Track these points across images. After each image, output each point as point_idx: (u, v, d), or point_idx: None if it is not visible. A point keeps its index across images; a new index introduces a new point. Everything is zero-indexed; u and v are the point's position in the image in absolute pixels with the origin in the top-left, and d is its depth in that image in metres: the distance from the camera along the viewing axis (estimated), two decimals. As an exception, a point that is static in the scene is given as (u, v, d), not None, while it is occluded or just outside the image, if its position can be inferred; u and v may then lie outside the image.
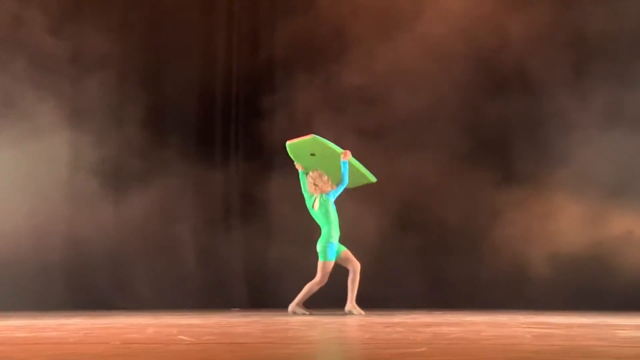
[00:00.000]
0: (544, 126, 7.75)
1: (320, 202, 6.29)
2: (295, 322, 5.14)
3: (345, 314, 6.22)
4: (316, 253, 6.31)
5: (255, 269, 7.93)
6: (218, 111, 8.24)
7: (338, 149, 6.31)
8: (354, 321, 5.26)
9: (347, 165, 6.30)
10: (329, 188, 6.31)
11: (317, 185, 6.31)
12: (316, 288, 6.27)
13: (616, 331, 4.16)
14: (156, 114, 8.00)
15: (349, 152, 6.31)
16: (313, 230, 6.44)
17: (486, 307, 7.06)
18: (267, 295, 7.74)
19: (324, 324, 4.96)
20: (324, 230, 6.29)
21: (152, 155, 7.82)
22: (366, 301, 6.41)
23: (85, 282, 7.68)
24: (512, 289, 7.49)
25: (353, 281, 6.29)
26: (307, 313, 6.24)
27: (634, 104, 7.53)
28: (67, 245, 7.68)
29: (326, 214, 6.26)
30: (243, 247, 8.00)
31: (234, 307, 7.53)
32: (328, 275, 6.24)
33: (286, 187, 7.72)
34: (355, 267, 6.31)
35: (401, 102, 7.79)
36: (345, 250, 6.34)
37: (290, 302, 6.35)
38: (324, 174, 6.35)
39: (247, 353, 3.15)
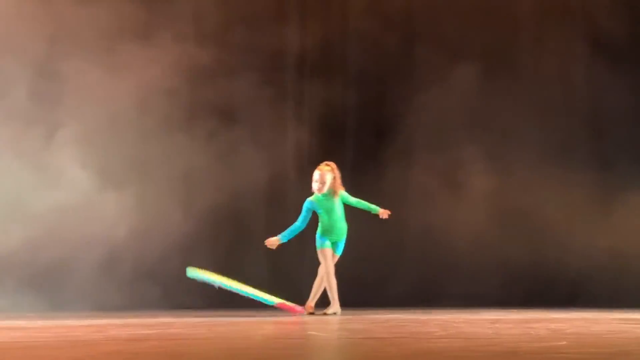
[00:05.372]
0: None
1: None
2: (396, 318, 5.45)
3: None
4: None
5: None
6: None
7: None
8: (448, 318, 5.54)
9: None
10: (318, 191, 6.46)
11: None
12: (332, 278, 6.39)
13: None
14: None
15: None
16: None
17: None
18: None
19: (422, 321, 5.24)
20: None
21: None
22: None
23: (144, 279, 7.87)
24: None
25: (321, 284, 6.47)
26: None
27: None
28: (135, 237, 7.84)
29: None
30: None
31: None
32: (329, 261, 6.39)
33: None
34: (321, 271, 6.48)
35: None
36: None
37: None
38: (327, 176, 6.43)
39: (406, 347, 3.43)
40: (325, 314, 6.34)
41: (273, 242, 6.42)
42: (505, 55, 8.31)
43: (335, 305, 6.41)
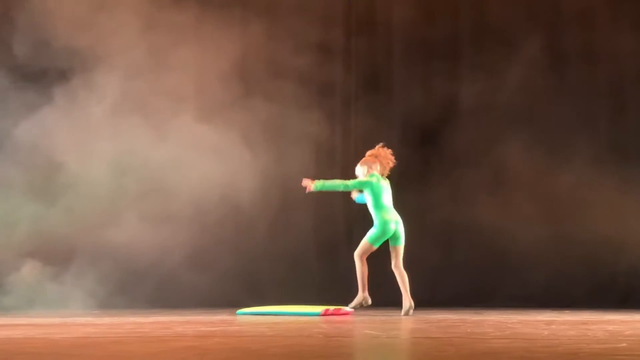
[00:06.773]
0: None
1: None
2: (449, 318, 5.53)
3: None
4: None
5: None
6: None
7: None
8: (501, 319, 5.59)
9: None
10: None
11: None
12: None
13: None
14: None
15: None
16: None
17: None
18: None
19: (476, 321, 5.30)
20: None
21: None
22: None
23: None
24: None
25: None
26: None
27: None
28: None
29: None
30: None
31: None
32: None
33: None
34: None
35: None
36: None
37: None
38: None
39: (464, 348, 3.51)
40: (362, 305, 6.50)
41: None
42: (556, 50, 8.25)
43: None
